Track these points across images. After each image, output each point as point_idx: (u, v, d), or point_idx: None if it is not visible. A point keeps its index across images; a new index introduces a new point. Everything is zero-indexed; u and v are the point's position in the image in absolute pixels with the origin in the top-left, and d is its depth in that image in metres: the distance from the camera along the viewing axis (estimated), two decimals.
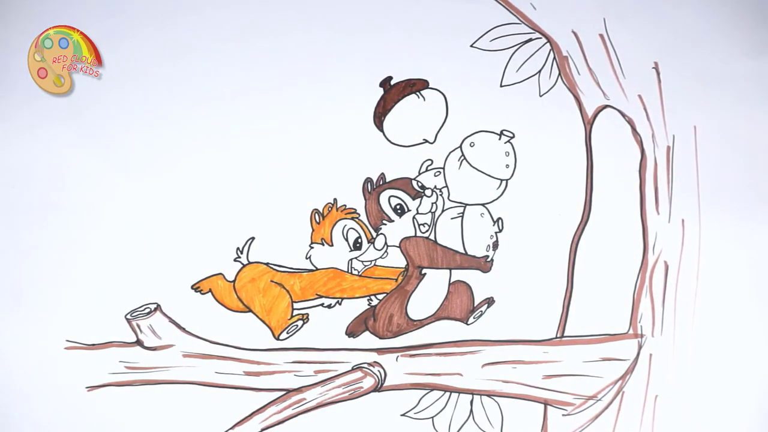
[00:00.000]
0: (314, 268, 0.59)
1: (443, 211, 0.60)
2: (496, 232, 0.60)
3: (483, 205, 0.60)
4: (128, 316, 0.57)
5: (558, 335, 0.61)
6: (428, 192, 0.59)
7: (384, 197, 0.59)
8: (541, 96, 0.60)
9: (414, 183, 0.59)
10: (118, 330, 0.57)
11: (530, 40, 0.60)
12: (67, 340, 0.57)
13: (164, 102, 0.57)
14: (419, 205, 0.59)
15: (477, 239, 0.60)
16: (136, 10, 0.57)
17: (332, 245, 0.59)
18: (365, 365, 0.59)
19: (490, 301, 0.60)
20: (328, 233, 0.58)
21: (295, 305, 0.59)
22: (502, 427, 0.60)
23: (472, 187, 0.59)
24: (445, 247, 0.59)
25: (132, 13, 0.57)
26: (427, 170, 0.59)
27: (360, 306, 0.59)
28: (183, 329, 0.58)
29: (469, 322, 0.60)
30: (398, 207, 0.59)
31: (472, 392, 0.60)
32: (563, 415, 0.61)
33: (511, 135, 0.59)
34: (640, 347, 0.61)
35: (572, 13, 0.61)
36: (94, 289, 0.57)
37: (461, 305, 0.60)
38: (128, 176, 0.57)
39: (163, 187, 0.57)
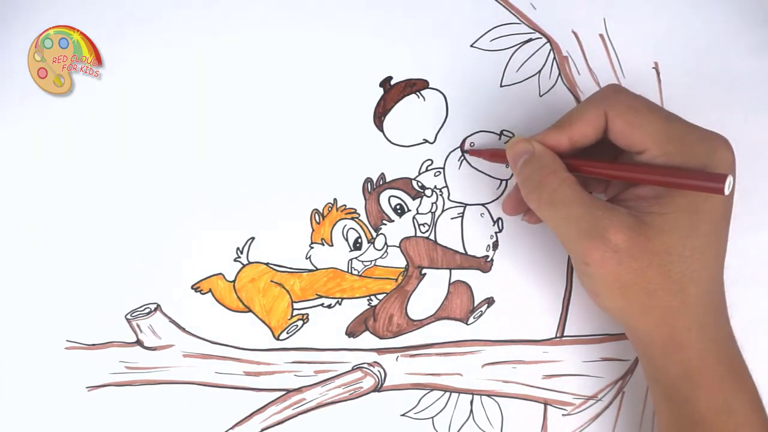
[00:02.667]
0: (314, 268, 0.59)
1: (443, 211, 0.60)
2: (496, 232, 0.60)
3: (483, 205, 0.60)
4: (128, 316, 0.57)
5: (558, 335, 0.61)
6: (428, 192, 0.59)
7: (384, 197, 0.59)
8: (541, 96, 0.60)
9: (414, 183, 0.59)
10: (118, 330, 0.57)
11: (530, 40, 0.60)
12: (67, 340, 0.57)
13: (164, 102, 0.57)
14: (419, 205, 0.59)
15: (477, 239, 0.60)
16: (136, 11, 0.57)
17: (332, 245, 0.59)
18: (365, 365, 0.59)
19: (490, 301, 0.60)
20: (328, 233, 0.58)
21: (295, 305, 0.59)
22: (502, 427, 0.60)
23: (472, 187, 0.59)
24: (445, 247, 0.59)
25: (132, 13, 0.57)
26: (427, 170, 0.59)
27: (360, 306, 0.59)
28: (183, 329, 0.58)
29: (469, 322, 0.60)
30: (398, 207, 0.59)
31: (472, 392, 0.60)
32: (563, 415, 0.61)
33: (511, 135, 0.59)
34: None
35: (572, 13, 0.61)
36: (94, 289, 0.57)
37: (461, 305, 0.60)
38: (128, 176, 0.57)
39: (162, 187, 0.57)
